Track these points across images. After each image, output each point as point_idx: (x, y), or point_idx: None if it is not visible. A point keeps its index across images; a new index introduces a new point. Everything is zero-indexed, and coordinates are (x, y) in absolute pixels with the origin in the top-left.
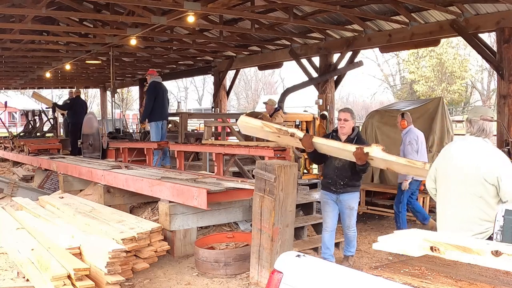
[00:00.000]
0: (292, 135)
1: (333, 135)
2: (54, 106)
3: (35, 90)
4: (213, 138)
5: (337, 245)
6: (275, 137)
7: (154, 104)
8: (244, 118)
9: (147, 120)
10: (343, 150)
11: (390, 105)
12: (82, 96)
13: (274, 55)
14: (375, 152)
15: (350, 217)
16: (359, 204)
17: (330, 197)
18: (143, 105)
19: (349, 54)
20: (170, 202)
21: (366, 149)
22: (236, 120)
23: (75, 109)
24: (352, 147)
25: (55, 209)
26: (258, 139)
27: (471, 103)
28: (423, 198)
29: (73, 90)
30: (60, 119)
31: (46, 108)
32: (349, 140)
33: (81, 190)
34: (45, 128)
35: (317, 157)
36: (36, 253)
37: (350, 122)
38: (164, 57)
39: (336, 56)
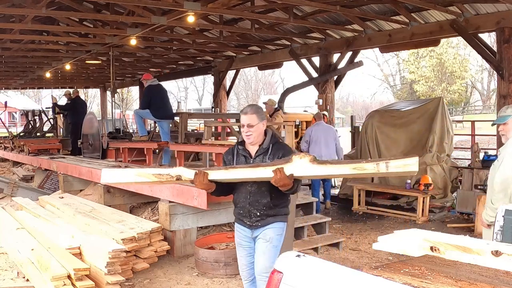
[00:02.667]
0: (179, 178)
1: (239, 149)
2: (54, 106)
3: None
4: (213, 138)
5: (337, 245)
6: (159, 182)
7: (150, 105)
8: (108, 172)
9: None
10: (258, 178)
11: (390, 105)
12: (82, 96)
13: (274, 55)
14: (301, 169)
15: (265, 254)
16: (358, 204)
17: (244, 234)
18: None
19: (349, 54)
20: (170, 202)
21: (287, 169)
22: (237, 120)
23: (76, 109)
24: (267, 171)
25: (55, 209)
26: None
27: (471, 103)
28: (423, 198)
29: (70, 90)
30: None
31: (46, 108)
32: (262, 152)
33: (81, 190)
34: (45, 128)
35: (225, 188)
36: (36, 253)
37: (258, 126)
38: (164, 57)
39: (336, 56)
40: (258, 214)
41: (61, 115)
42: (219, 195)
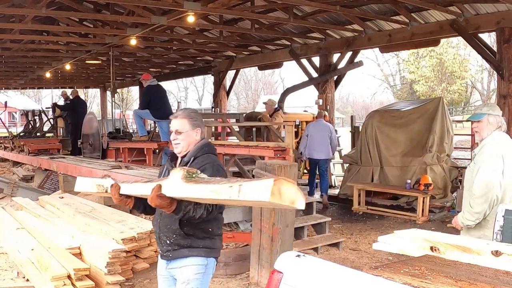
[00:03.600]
0: (107, 190)
1: (168, 161)
2: (54, 106)
3: None
4: (213, 138)
5: (337, 245)
6: (100, 193)
7: (150, 105)
8: (80, 180)
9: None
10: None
11: (390, 105)
12: (82, 96)
13: (274, 55)
14: (174, 186)
15: None
16: (358, 204)
17: (161, 265)
18: None
19: (349, 54)
20: None
21: (164, 186)
22: (237, 120)
23: (75, 109)
24: (149, 188)
25: (55, 209)
26: (258, 139)
27: (471, 103)
28: (423, 198)
29: (67, 91)
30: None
31: (46, 108)
32: (183, 165)
33: None
34: (45, 128)
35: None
36: (36, 253)
37: (188, 134)
38: (164, 57)
39: (336, 56)
40: (168, 242)
41: (62, 116)
42: (146, 213)
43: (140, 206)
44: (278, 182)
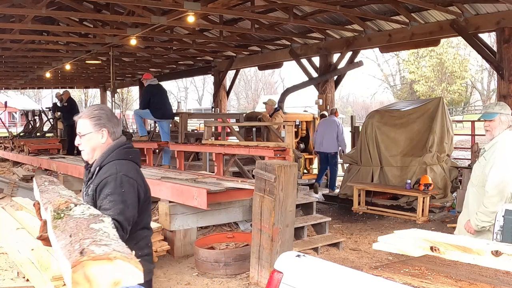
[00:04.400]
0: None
1: (85, 170)
2: (54, 106)
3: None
4: (213, 138)
5: (337, 245)
6: None
7: (150, 105)
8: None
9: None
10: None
11: (390, 105)
12: (82, 96)
13: (274, 55)
14: (48, 227)
15: None
16: (358, 204)
17: None
18: None
19: (349, 54)
20: (170, 202)
21: (47, 223)
22: (237, 120)
23: (72, 111)
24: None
25: None
26: (258, 139)
27: (471, 103)
28: (423, 198)
29: (61, 91)
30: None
31: (46, 108)
32: (90, 178)
33: (81, 190)
34: (45, 128)
35: None
36: (36, 253)
37: (91, 137)
38: (164, 57)
39: (336, 56)
40: None
41: (59, 118)
42: None
43: None
44: (79, 267)
